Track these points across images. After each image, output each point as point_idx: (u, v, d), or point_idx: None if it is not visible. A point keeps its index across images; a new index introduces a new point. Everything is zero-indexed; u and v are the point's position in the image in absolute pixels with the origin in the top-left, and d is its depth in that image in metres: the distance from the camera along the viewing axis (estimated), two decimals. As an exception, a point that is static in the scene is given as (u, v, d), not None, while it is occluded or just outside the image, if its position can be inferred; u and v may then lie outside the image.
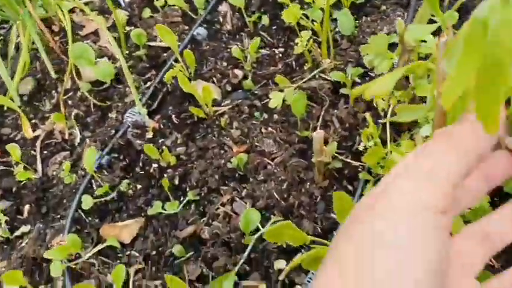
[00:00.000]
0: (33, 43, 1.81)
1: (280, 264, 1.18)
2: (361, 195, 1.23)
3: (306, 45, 1.52)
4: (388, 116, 1.26)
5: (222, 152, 1.40)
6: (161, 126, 1.52)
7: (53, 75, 1.74)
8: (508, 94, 0.43)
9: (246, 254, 1.20)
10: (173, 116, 1.53)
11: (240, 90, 1.58)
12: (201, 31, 1.74)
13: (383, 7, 1.70)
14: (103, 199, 1.40)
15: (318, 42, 1.55)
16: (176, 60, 1.65)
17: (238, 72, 1.59)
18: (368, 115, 1.22)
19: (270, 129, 1.43)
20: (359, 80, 1.47)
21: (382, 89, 0.82)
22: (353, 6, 1.73)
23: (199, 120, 1.51)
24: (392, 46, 1.44)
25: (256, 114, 1.47)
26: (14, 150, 1.50)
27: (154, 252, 1.29)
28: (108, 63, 1.69)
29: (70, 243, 1.23)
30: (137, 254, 1.30)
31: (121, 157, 1.49)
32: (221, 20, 1.82)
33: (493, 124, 0.41)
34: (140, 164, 1.46)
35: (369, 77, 1.48)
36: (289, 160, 1.32)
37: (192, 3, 1.89)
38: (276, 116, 1.45)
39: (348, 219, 0.38)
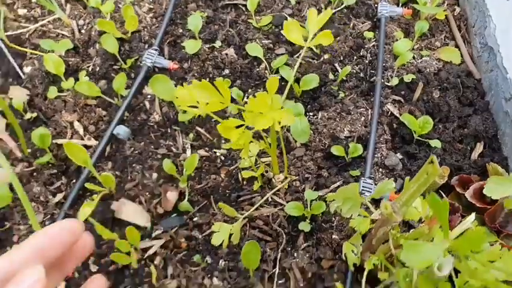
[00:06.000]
0: None
1: None
2: None
3: (256, 162, 1.24)
4: (363, 280, 1.02)
5: (156, 316, 1.11)
6: (76, 275, 1.19)
7: None
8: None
9: None
10: (89, 261, 1.21)
11: (174, 215, 1.28)
12: (121, 130, 1.39)
13: (340, 94, 1.45)
14: None
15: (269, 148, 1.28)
16: (90, 174, 1.31)
17: (172, 196, 1.28)
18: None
19: (215, 280, 1.15)
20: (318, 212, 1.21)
21: None
22: (305, 94, 1.46)
23: (124, 266, 1.20)
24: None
25: (197, 258, 1.19)
26: None
27: None
28: (3, 184, 1.31)
29: None
30: None
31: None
32: (147, 106, 1.49)
33: None
34: (50, 331, 1.14)
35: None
36: (243, 337, 1.06)
37: (108, 82, 1.53)
38: (222, 262, 1.17)
39: None
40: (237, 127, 0.95)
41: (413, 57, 1.49)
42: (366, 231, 1.05)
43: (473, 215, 0.97)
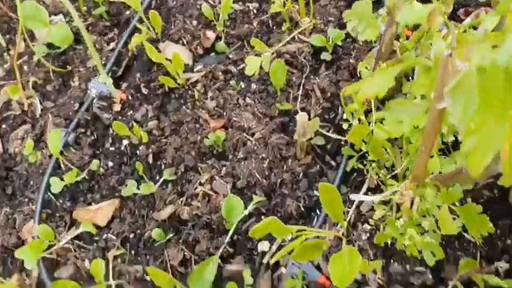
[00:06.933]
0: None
1: (264, 246, 1.16)
2: (344, 171, 1.20)
3: (284, 4, 1.40)
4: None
5: (198, 126, 1.32)
6: (130, 98, 1.41)
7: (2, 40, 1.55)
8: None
9: (228, 236, 1.17)
10: (142, 85, 1.42)
11: (212, 54, 1.47)
12: (166, -15, 1.57)
13: (365, -46, 1.56)
14: (73, 180, 1.32)
15: (296, -1, 1.43)
16: (140, 20, 1.50)
17: (211, 34, 1.46)
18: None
19: (248, 100, 1.34)
20: (340, 43, 1.37)
21: (377, 90, 0.76)
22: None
23: (170, 90, 1.40)
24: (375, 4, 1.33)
25: (232, 83, 1.38)
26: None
27: (132, 235, 1.24)
28: (64, 25, 1.51)
29: (42, 235, 1.17)
30: (114, 238, 1.25)
31: (88, 132, 1.39)
32: (187, -32, 1.65)
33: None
34: (110, 140, 1.37)
35: (352, 39, 1.38)
36: (270, 136, 1.25)
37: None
38: (254, 86, 1.36)
39: None
40: None
41: None
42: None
43: (462, 10, 1.12)
